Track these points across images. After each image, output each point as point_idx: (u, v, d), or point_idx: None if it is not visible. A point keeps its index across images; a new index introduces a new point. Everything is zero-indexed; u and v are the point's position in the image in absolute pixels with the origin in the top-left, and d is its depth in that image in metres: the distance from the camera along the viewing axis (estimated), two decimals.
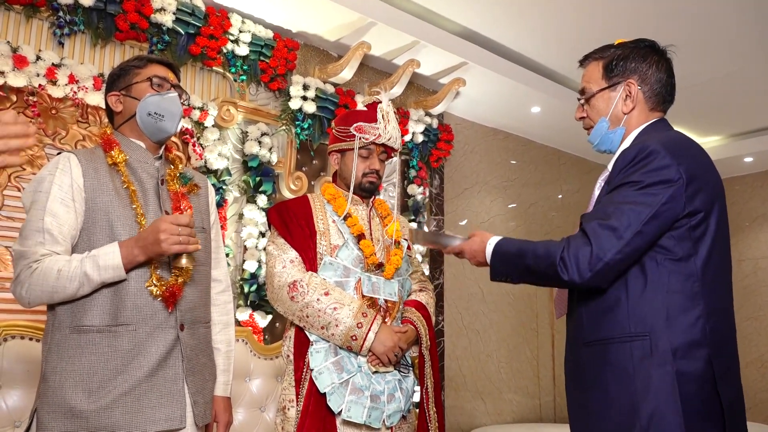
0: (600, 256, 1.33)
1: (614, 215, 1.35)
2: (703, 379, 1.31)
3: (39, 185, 1.51)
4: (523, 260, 1.45)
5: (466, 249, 1.60)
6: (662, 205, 1.34)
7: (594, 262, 1.33)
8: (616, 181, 1.42)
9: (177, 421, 1.51)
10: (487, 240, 1.55)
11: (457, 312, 4.29)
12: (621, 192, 1.38)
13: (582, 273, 1.34)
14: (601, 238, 1.34)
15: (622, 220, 1.33)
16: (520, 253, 1.47)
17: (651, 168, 1.36)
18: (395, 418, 1.88)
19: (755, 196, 5.89)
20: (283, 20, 3.29)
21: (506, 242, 1.52)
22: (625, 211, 1.34)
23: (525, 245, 1.47)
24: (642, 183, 1.36)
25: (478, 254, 1.56)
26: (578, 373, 1.46)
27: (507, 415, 4.54)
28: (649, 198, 1.34)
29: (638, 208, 1.34)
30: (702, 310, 1.34)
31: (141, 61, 1.66)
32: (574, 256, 1.35)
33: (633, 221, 1.33)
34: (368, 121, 2.00)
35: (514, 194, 4.89)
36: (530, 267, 1.44)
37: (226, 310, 1.81)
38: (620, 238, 1.33)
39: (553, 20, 3.52)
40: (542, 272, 1.42)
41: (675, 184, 1.34)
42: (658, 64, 1.54)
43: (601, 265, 1.33)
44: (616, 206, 1.36)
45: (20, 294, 1.46)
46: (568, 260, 1.36)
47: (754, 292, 5.75)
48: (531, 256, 1.44)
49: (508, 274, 1.51)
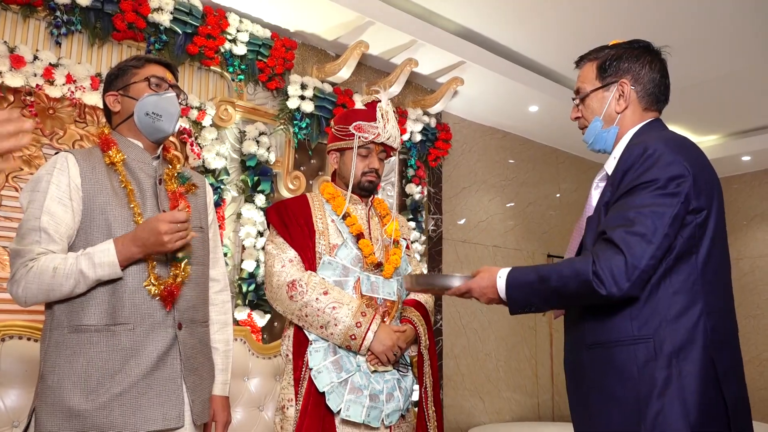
0: (635, 264, 1.29)
1: (638, 221, 1.32)
2: (706, 379, 1.31)
3: (36, 184, 1.51)
4: (547, 285, 1.39)
5: (474, 287, 1.51)
6: (681, 204, 1.33)
7: (630, 271, 1.29)
8: (626, 183, 1.39)
9: (175, 420, 1.51)
10: (496, 274, 1.47)
11: (456, 311, 4.29)
12: (637, 195, 1.35)
13: (620, 284, 1.30)
14: (633, 246, 1.30)
15: (647, 225, 1.31)
16: (541, 278, 1.40)
17: (662, 164, 1.35)
18: (394, 417, 1.88)
19: (753, 194, 5.90)
20: (281, 20, 3.29)
21: (520, 272, 1.46)
22: (648, 215, 1.31)
23: (544, 270, 1.42)
24: (658, 182, 1.34)
25: (488, 290, 1.48)
26: (580, 375, 1.45)
27: (505, 413, 4.54)
28: (667, 199, 1.33)
29: (660, 209, 1.32)
30: (702, 308, 1.34)
31: (139, 61, 1.66)
32: (608, 269, 1.31)
33: (659, 224, 1.31)
34: (367, 120, 2.00)
35: (512, 193, 4.89)
36: (557, 290, 1.38)
37: (225, 309, 1.81)
38: (650, 243, 1.30)
39: (551, 20, 3.52)
40: (573, 292, 1.36)
41: (686, 179, 1.34)
42: (651, 64, 1.54)
43: (637, 273, 1.30)
44: (636, 211, 1.33)
45: (17, 293, 1.46)
46: (602, 274, 1.31)
47: (752, 290, 5.76)
48: (555, 278, 1.38)
49: (531, 304, 1.44)
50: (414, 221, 3.94)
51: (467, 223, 4.48)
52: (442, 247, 4.22)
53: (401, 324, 1.98)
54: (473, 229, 4.53)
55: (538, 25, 3.60)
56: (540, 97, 4.23)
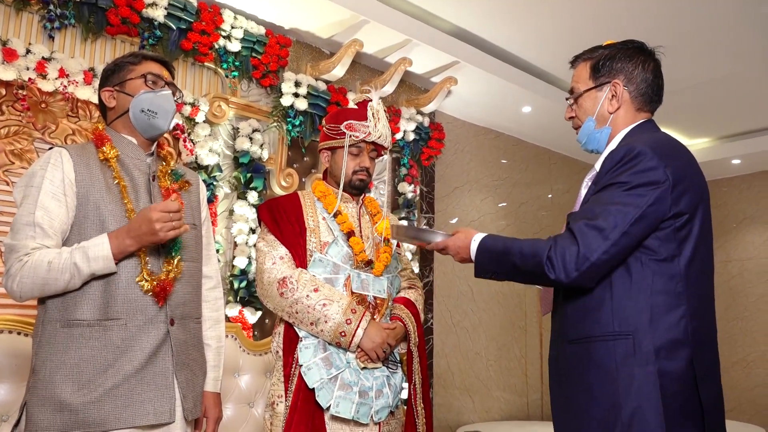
0: (587, 255, 1.34)
1: (601, 215, 1.36)
2: (684, 379, 1.33)
3: (30, 180, 1.51)
4: (509, 258, 1.46)
5: (450, 245, 1.60)
6: (649, 207, 1.35)
7: (581, 262, 1.34)
8: (603, 181, 1.42)
9: (166, 415, 1.52)
10: (472, 237, 1.56)
11: (447, 310, 4.31)
12: (608, 192, 1.39)
13: (568, 272, 1.36)
14: (588, 237, 1.35)
15: (608, 221, 1.34)
16: (506, 250, 1.47)
17: (638, 169, 1.37)
18: (383, 413, 1.90)
19: (742, 198, 5.95)
20: (276, 17, 3.29)
21: (492, 239, 1.53)
22: (612, 212, 1.35)
23: (511, 243, 1.48)
24: (629, 184, 1.37)
25: (462, 250, 1.57)
26: (562, 370, 1.48)
27: (495, 412, 4.57)
28: (635, 199, 1.35)
29: (625, 209, 1.35)
30: (685, 310, 1.36)
31: (135, 57, 1.66)
32: (561, 256, 1.36)
33: (620, 222, 1.34)
34: (358, 119, 2.01)
35: (504, 193, 4.91)
36: (516, 265, 1.45)
37: (217, 306, 1.81)
38: (606, 238, 1.34)
39: (545, 21, 3.54)
40: (529, 271, 1.43)
41: (662, 185, 1.36)
42: (644, 64, 1.55)
43: (587, 265, 1.34)
44: (603, 206, 1.37)
45: (11, 288, 1.46)
46: (555, 259, 1.37)
47: (741, 293, 5.82)
48: (518, 254, 1.44)
49: (493, 271, 1.51)
50: (406, 220, 3.95)
51: (459, 223, 4.50)
52: None
53: (391, 321, 1.99)
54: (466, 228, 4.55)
55: (532, 26, 3.62)
56: (533, 98, 4.25)
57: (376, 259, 2.02)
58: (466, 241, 1.56)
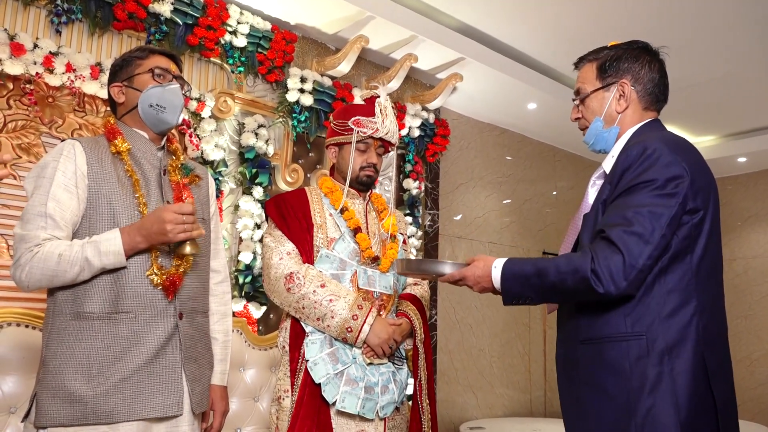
0: (633, 263, 1.31)
1: (636, 220, 1.33)
2: (697, 377, 1.33)
3: (43, 171, 1.52)
4: (545, 279, 1.40)
5: (468, 275, 1.51)
6: (679, 205, 1.34)
7: (628, 271, 1.31)
8: (625, 182, 1.40)
9: (174, 408, 1.53)
10: (491, 264, 1.48)
11: (451, 306, 4.32)
12: (636, 195, 1.37)
13: (617, 283, 1.32)
14: (630, 245, 1.32)
15: (645, 225, 1.32)
16: (539, 272, 1.41)
17: (660, 164, 1.36)
18: (389, 409, 1.91)
19: (748, 196, 5.94)
20: (282, 12, 3.29)
21: (517, 263, 1.46)
22: (646, 215, 1.33)
23: (542, 263, 1.43)
24: (657, 182, 1.35)
25: (483, 280, 1.49)
26: (573, 370, 1.47)
27: (498, 409, 4.57)
28: (665, 199, 1.34)
29: (658, 209, 1.33)
30: (695, 307, 1.36)
31: (143, 52, 1.66)
32: (606, 267, 1.32)
33: (656, 224, 1.32)
34: (366, 115, 2.01)
35: (509, 190, 4.91)
36: (555, 285, 1.39)
37: (224, 300, 1.82)
38: (647, 243, 1.32)
39: (551, 17, 3.53)
40: (571, 288, 1.37)
41: (685, 180, 1.36)
42: (650, 64, 1.55)
43: (635, 272, 1.32)
44: (635, 210, 1.35)
45: (20, 277, 1.46)
46: (600, 272, 1.32)
47: (745, 290, 5.81)
48: (554, 273, 1.39)
49: (526, 296, 1.44)
50: (411, 216, 3.95)
51: (464, 219, 4.50)
52: (438, 242, 4.24)
53: (397, 317, 2.00)
54: (470, 225, 4.55)
55: (537, 22, 3.61)
56: (538, 95, 4.24)
57: (382, 255, 2.02)
58: (486, 269, 1.48)
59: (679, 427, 1.29)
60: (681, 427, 1.29)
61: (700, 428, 1.32)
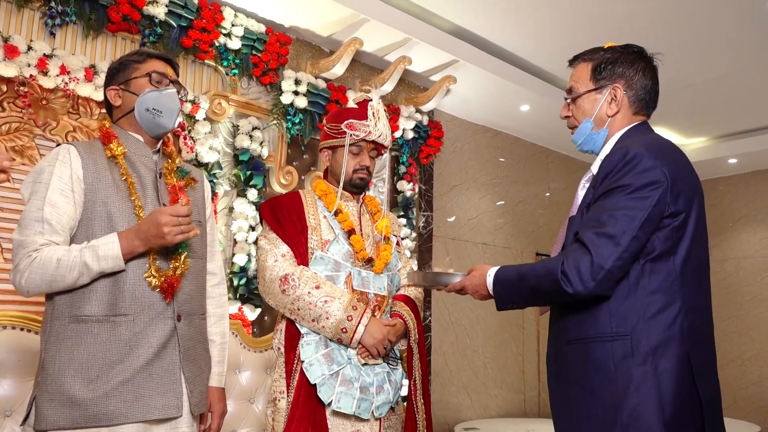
0: (601, 264, 1.34)
1: (609, 222, 1.36)
2: (681, 376, 1.35)
3: (39, 176, 1.52)
4: (525, 283, 1.46)
5: (467, 285, 1.60)
6: (653, 208, 1.36)
7: (596, 271, 1.35)
8: (604, 186, 1.43)
9: (174, 410, 1.53)
10: (486, 272, 1.55)
11: (445, 307, 4.33)
12: (612, 198, 1.40)
13: (585, 283, 1.35)
14: (600, 246, 1.35)
15: (617, 227, 1.35)
16: (520, 277, 1.47)
17: (638, 170, 1.38)
18: (384, 409, 1.92)
19: (739, 197, 5.99)
20: (276, 15, 3.30)
21: (505, 270, 1.53)
22: (619, 218, 1.36)
23: (523, 268, 1.48)
24: (632, 186, 1.38)
25: (480, 287, 1.57)
26: (561, 370, 1.49)
27: (492, 409, 4.59)
28: (640, 202, 1.37)
29: (631, 212, 1.36)
30: (680, 307, 1.38)
31: (140, 56, 1.67)
32: (575, 268, 1.36)
33: (628, 227, 1.35)
34: (359, 118, 2.03)
35: (502, 191, 4.94)
36: (534, 288, 1.45)
37: (221, 302, 1.83)
38: (618, 244, 1.35)
39: (544, 20, 3.56)
40: (547, 290, 1.43)
41: (661, 185, 1.38)
42: (644, 70, 1.57)
43: (603, 273, 1.35)
44: (609, 213, 1.38)
45: (19, 283, 1.47)
46: (569, 273, 1.36)
47: (736, 291, 5.86)
48: (532, 277, 1.44)
49: (513, 301, 1.51)
50: (405, 218, 3.97)
51: (457, 221, 4.52)
52: (432, 244, 4.25)
53: (391, 318, 2.01)
54: (463, 226, 4.57)
55: (531, 25, 3.63)
56: (531, 97, 4.27)
57: (376, 256, 2.04)
58: (482, 278, 1.56)
59: (662, 426, 1.31)
60: (665, 425, 1.31)
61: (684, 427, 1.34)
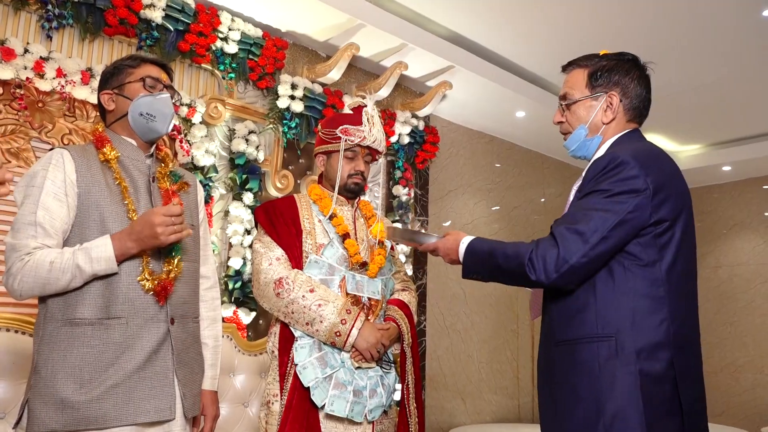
0: (566, 258, 1.38)
1: (582, 220, 1.40)
2: (665, 380, 1.37)
3: (32, 180, 1.52)
4: (493, 259, 1.50)
5: (440, 246, 1.64)
6: (628, 213, 1.39)
7: (560, 264, 1.38)
8: (586, 189, 1.47)
9: (167, 413, 1.53)
10: (461, 239, 1.59)
11: (440, 312, 4.34)
12: (590, 199, 1.44)
13: (548, 274, 1.39)
14: (568, 241, 1.39)
15: (589, 225, 1.38)
16: (490, 252, 1.51)
17: (620, 178, 1.41)
18: (377, 412, 1.93)
19: (732, 204, 6.01)
20: (273, 19, 3.31)
21: (479, 242, 1.57)
22: (593, 217, 1.39)
23: (496, 245, 1.52)
24: (610, 191, 1.41)
25: (451, 252, 1.61)
26: (549, 371, 1.51)
27: (486, 414, 4.60)
28: (615, 206, 1.39)
29: (605, 214, 1.39)
30: (666, 313, 1.40)
31: (134, 60, 1.67)
32: (542, 258, 1.40)
33: (599, 227, 1.38)
34: (354, 123, 2.04)
35: (497, 197, 4.95)
36: (500, 266, 1.49)
37: (214, 306, 1.83)
38: (586, 242, 1.38)
39: (540, 26, 3.58)
40: (511, 272, 1.47)
41: (642, 194, 1.40)
42: (639, 79, 1.58)
43: (566, 267, 1.38)
44: (584, 212, 1.42)
45: (12, 286, 1.47)
46: (536, 261, 1.41)
47: (730, 298, 5.87)
48: (501, 255, 1.48)
49: (478, 272, 1.55)
50: (400, 223, 3.97)
51: (453, 226, 4.53)
52: None
53: (385, 322, 2.02)
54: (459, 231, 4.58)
55: (527, 31, 3.65)
56: (527, 103, 4.29)
57: (370, 261, 2.05)
58: (455, 243, 1.60)
59: (645, 428, 1.32)
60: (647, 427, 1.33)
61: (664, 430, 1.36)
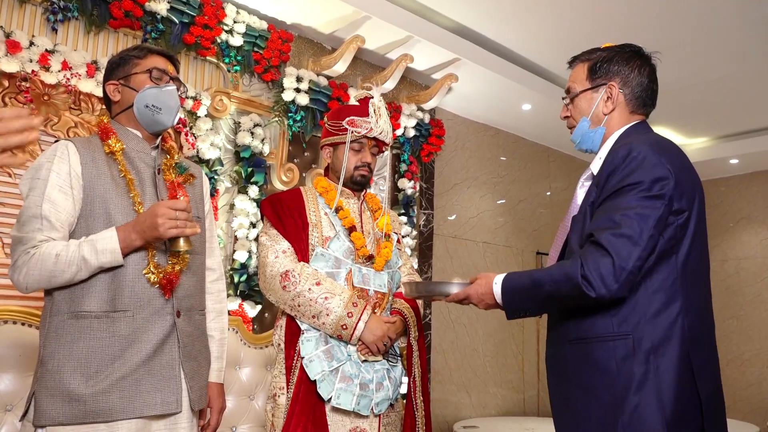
0: (623, 265, 1.32)
1: (624, 223, 1.35)
2: (682, 375, 1.35)
3: (37, 172, 1.52)
4: (540, 289, 1.43)
5: (472, 294, 1.56)
6: (665, 206, 1.36)
7: (618, 273, 1.32)
8: (612, 185, 1.42)
9: (173, 405, 1.54)
10: (492, 280, 1.52)
11: (445, 306, 4.33)
12: (624, 197, 1.38)
13: (609, 286, 1.33)
14: (619, 247, 1.33)
15: (634, 227, 1.34)
16: (535, 283, 1.44)
17: (646, 166, 1.38)
18: (383, 406, 1.92)
19: (740, 197, 5.98)
20: (278, 12, 3.30)
21: (514, 277, 1.50)
22: (634, 218, 1.35)
23: (537, 274, 1.45)
24: (643, 183, 1.37)
25: (486, 297, 1.53)
26: (561, 370, 1.49)
27: (491, 408, 4.60)
28: (652, 201, 1.36)
29: (645, 212, 1.35)
30: (681, 306, 1.38)
31: (141, 51, 1.66)
32: (596, 271, 1.33)
33: (644, 227, 1.34)
34: (360, 115, 2.03)
35: (503, 190, 4.93)
36: (551, 294, 1.41)
37: (220, 298, 1.83)
38: (636, 244, 1.33)
39: (546, 19, 3.56)
40: (565, 295, 1.39)
41: (670, 180, 1.38)
42: (640, 68, 1.57)
43: (625, 274, 1.33)
44: (622, 213, 1.36)
45: (18, 279, 1.47)
46: (591, 277, 1.34)
47: (737, 291, 5.85)
48: (549, 282, 1.41)
49: (526, 308, 1.48)
50: (405, 216, 3.97)
51: (458, 219, 4.52)
52: (432, 242, 4.25)
53: (391, 315, 2.02)
54: (464, 225, 4.57)
55: (533, 23, 3.63)
56: (533, 96, 4.27)
57: (377, 254, 2.04)
58: (488, 287, 1.52)
59: (664, 425, 1.31)
60: (666, 424, 1.31)
61: (685, 425, 1.34)
